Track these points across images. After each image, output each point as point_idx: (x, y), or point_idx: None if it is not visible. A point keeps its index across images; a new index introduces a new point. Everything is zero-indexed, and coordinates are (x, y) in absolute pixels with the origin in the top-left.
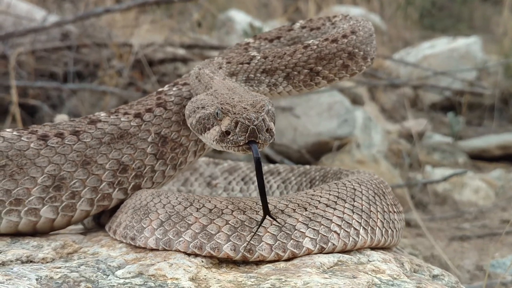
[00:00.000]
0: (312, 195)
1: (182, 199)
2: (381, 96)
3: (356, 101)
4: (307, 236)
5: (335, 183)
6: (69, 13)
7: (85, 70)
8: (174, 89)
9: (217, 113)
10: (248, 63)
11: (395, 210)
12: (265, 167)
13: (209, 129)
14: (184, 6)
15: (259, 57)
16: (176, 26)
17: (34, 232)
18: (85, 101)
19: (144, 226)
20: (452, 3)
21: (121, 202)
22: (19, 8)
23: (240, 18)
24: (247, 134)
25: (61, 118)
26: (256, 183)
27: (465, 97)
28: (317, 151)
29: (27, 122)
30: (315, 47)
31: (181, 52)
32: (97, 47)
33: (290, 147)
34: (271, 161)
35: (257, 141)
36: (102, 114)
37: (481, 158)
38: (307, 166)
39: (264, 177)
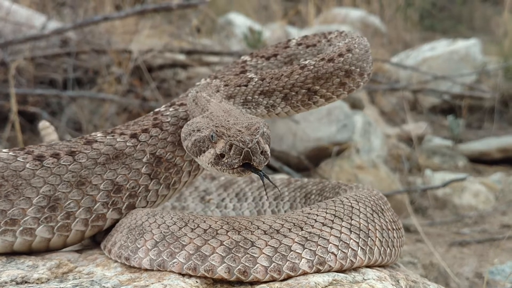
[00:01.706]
0: (309, 213)
1: (177, 219)
2: (380, 100)
3: (355, 105)
4: (303, 258)
5: (333, 201)
6: (69, 18)
7: (84, 77)
8: (170, 109)
9: (212, 136)
10: (246, 85)
11: (394, 227)
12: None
13: (204, 151)
14: (184, 11)
15: (256, 79)
16: (175, 31)
17: (30, 252)
18: (84, 108)
19: (139, 246)
20: (452, 4)
21: (116, 221)
22: (19, 14)
23: (240, 21)
24: (241, 156)
25: (43, 125)
26: (248, 201)
27: (465, 100)
28: (316, 157)
29: (26, 130)
30: (312, 67)
31: (180, 57)
32: (96, 54)
33: (289, 153)
34: (270, 167)
35: (251, 163)
36: (99, 135)
37: (481, 161)
38: (305, 180)
39: (258, 192)
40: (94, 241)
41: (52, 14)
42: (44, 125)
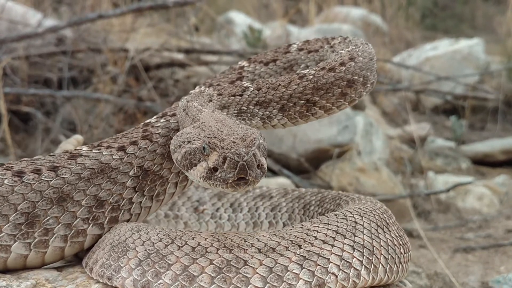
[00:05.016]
0: (308, 229)
1: (164, 235)
2: (382, 100)
3: (357, 105)
4: (301, 279)
5: (335, 215)
6: (65, 16)
7: (79, 76)
8: (162, 120)
9: (204, 147)
10: (241, 95)
11: (400, 242)
12: (257, 190)
13: (195, 165)
14: (182, 9)
15: (252, 89)
16: (173, 30)
17: (6, 270)
18: (79, 108)
19: (122, 265)
20: (454, 3)
21: (98, 237)
22: (14, 11)
23: (240, 19)
24: (236, 170)
25: (73, 140)
26: (244, 212)
27: (468, 100)
28: (317, 159)
29: (20, 130)
30: (311, 77)
31: (178, 56)
32: (92, 53)
33: (288, 156)
34: (269, 170)
35: (247, 178)
36: (84, 149)
37: (484, 163)
38: (303, 190)
39: (253, 202)
40: (76, 256)
41: (48, 11)
42: (76, 138)
